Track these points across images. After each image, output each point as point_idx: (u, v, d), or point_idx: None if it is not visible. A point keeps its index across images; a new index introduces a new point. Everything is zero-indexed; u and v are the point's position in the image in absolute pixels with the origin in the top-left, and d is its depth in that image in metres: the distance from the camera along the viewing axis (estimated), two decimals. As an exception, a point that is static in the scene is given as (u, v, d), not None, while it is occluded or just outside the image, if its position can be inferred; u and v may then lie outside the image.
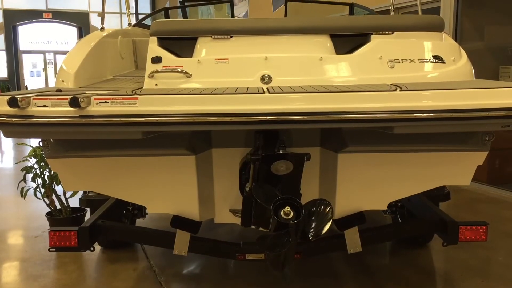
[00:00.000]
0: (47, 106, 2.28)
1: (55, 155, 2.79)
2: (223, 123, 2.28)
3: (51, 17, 23.34)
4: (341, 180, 2.87)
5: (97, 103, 2.29)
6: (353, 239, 3.10)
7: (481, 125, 2.39)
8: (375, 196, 2.96)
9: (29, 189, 4.42)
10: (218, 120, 2.27)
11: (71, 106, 2.21)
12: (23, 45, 23.34)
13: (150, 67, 2.82)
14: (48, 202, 4.50)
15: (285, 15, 5.50)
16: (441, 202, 4.13)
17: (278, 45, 2.92)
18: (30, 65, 23.70)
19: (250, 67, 2.81)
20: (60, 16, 23.41)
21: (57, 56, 23.63)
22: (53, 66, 23.72)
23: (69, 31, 23.84)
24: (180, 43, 2.92)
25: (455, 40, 6.78)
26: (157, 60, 2.83)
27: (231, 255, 3.16)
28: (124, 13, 21.82)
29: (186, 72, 2.78)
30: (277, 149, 2.51)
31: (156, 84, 2.78)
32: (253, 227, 2.81)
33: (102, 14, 3.74)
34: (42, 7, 23.16)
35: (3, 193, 6.62)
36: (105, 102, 2.29)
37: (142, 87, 2.80)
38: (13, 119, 2.29)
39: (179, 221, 3.05)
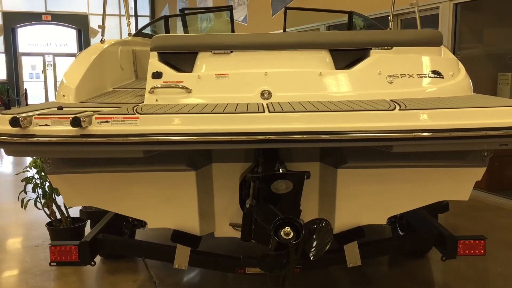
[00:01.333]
0: (49, 125, 2.30)
1: (56, 171, 2.80)
2: (223, 142, 2.30)
3: (50, 19, 23.30)
4: (340, 195, 2.88)
5: (98, 123, 2.30)
6: (352, 253, 3.11)
7: (480, 144, 2.41)
8: (374, 211, 2.98)
9: (29, 199, 4.42)
10: (218, 140, 2.28)
11: (72, 126, 2.22)
12: (22, 47, 23.31)
13: (150, 82, 2.83)
14: (48, 213, 4.50)
15: (284, 22, 5.53)
16: (440, 214, 4.15)
17: (278, 60, 2.93)
18: (29, 67, 23.65)
19: (250, 83, 2.82)
20: (59, 18, 23.38)
21: (56, 58, 23.62)
22: (52, 68, 23.71)
23: (68, 33, 23.82)
24: (181, 57, 2.93)
25: (454, 46, 6.83)
26: (157, 75, 2.84)
27: (231, 269, 3.18)
28: (123, 15, 21.81)
29: (186, 88, 2.80)
30: (277, 168, 2.52)
31: (157, 100, 2.79)
32: (253, 241, 2.83)
33: (102, 27, 3.75)
34: (41, 9, 23.13)
35: (3, 200, 6.62)
36: (106, 121, 2.30)
37: (143, 102, 2.81)
38: (15, 138, 2.30)
39: (179, 236, 3.07)
